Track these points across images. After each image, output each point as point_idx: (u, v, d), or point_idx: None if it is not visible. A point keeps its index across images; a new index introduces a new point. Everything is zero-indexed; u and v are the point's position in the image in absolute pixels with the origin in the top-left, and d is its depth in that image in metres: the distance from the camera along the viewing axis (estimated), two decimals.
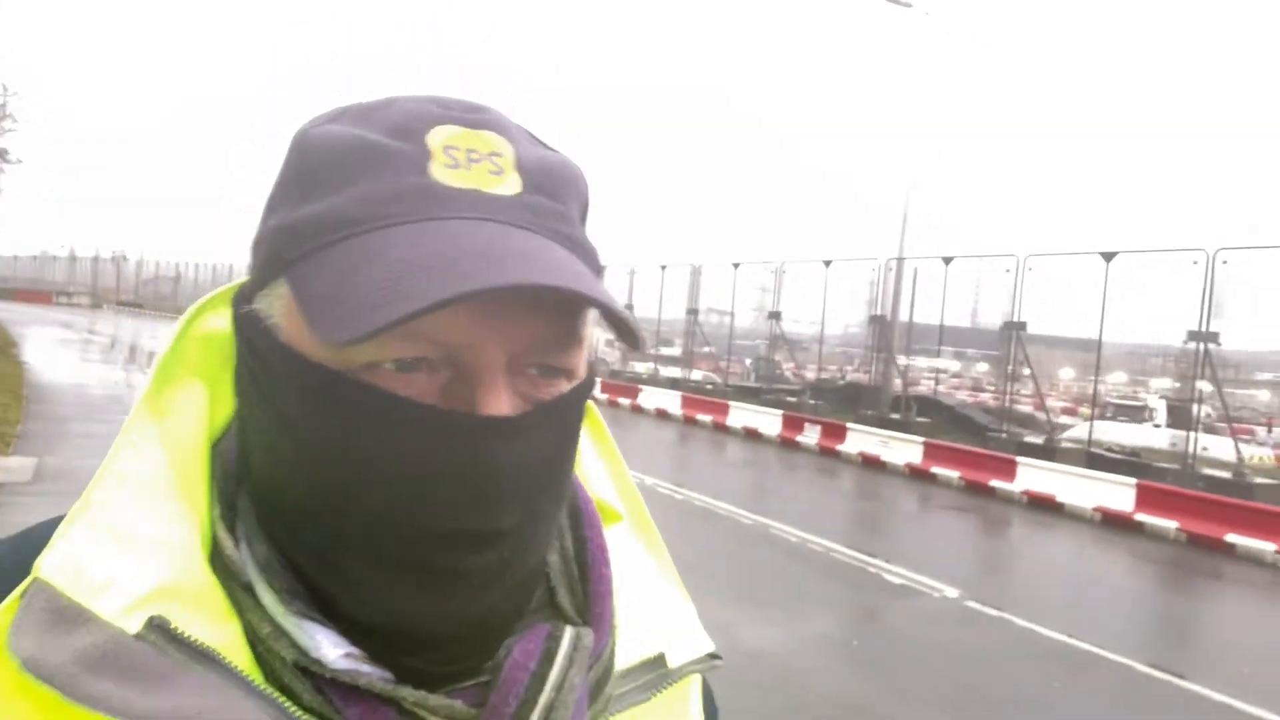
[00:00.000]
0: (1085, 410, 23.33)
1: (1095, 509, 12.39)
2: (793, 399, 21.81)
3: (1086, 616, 7.76)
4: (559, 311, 0.51)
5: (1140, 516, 11.91)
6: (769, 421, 18.92)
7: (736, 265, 24.60)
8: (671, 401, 21.98)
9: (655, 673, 0.60)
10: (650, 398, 22.80)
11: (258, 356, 0.52)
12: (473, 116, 0.53)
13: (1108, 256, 15.30)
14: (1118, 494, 12.39)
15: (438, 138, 0.51)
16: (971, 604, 7.73)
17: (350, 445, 0.48)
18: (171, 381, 0.56)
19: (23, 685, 0.44)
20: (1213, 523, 11.28)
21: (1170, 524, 11.57)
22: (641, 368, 28.33)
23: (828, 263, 21.74)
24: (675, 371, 27.15)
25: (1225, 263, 13.52)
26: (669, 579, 0.67)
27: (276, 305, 0.52)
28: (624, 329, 0.50)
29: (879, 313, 21.18)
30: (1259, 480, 13.10)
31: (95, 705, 0.43)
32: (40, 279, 68.30)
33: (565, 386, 0.53)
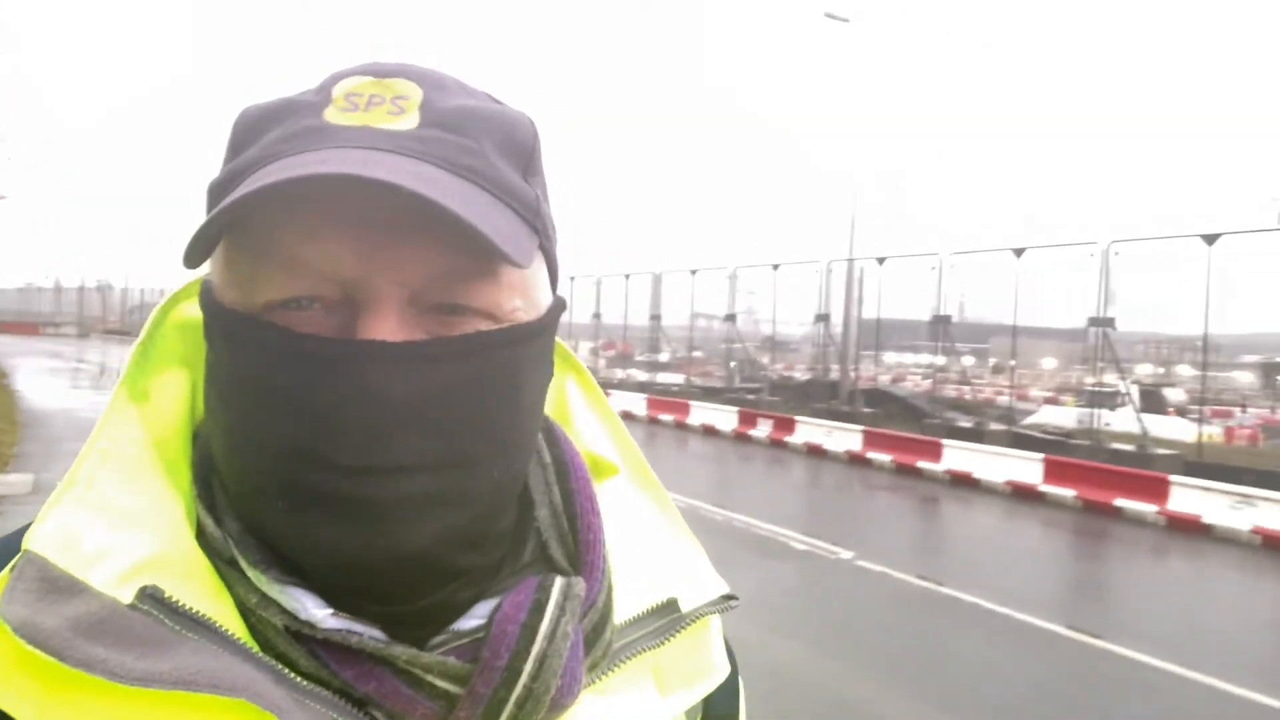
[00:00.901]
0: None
1: (1006, 483, 13.54)
2: (751, 396, 22.96)
3: (957, 567, 8.92)
4: (465, 247, 0.49)
5: (1044, 488, 13.07)
6: (725, 418, 20.06)
7: (694, 271, 25.88)
8: (637, 403, 23.12)
9: (667, 618, 0.61)
10: (616, 401, 23.88)
11: (204, 320, 0.54)
12: (387, 69, 0.54)
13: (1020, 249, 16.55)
14: (1028, 469, 13.55)
15: (343, 87, 0.53)
16: (861, 563, 8.86)
17: (246, 382, 0.50)
18: (151, 368, 0.57)
19: (21, 656, 0.44)
20: (1105, 489, 12.44)
21: (1069, 493, 12.74)
22: (621, 374, 29.36)
23: (775, 266, 23.01)
24: (644, 376, 28.19)
25: (1118, 254, 14.77)
26: (676, 527, 0.68)
27: (212, 266, 0.53)
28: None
29: (824, 311, 22.42)
30: (1159, 452, 14.29)
31: (92, 669, 0.43)
32: (27, 310, 68.75)
33: (483, 326, 0.52)
